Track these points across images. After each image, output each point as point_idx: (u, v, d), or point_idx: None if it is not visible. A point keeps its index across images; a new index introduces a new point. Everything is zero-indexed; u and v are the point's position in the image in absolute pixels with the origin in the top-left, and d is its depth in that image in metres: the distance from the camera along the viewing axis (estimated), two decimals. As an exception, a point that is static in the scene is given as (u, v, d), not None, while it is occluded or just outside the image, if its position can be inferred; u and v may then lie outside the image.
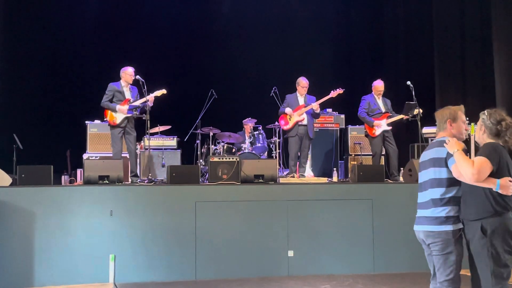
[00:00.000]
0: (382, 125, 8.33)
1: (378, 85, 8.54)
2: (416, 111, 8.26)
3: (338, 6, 12.11)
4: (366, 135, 8.61)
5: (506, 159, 3.63)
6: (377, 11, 12.17)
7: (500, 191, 3.55)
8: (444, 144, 3.76)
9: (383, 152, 8.61)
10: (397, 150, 8.40)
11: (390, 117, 8.38)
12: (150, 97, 7.87)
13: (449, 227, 3.72)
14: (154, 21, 11.43)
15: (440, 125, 3.94)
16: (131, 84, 8.01)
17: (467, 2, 10.58)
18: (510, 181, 3.56)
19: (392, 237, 6.91)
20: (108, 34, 11.07)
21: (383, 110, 8.46)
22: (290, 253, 6.69)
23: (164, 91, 8.03)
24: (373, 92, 8.57)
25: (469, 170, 3.56)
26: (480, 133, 3.78)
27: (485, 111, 3.78)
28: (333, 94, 8.65)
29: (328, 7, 12.02)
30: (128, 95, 7.93)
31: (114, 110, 7.77)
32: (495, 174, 3.58)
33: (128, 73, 7.93)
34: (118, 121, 7.77)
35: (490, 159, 3.59)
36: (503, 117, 3.71)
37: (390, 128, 8.37)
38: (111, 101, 7.83)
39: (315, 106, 8.45)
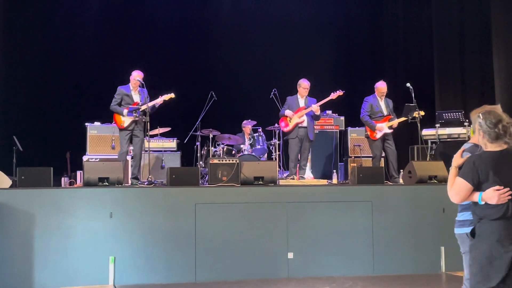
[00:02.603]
0: (383, 129, 8.29)
1: (381, 86, 8.46)
2: (415, 114, 8.24)
3: (338, 8, 12.11)
4: (367, 137, 8.59)
5: (488, 169, 3.41)
6: (377, 13, 12.19)
7: (487, 202, 3.42)
8: None
9: (383, 154, 8.60)
10: (396, 151, 8.38)
11: (391, 119, 8.35)
12: (159, 101, 7.90)
13: (465, 229, 3.73)
14: (154, 24, 11.43)
15: (473, 126, 3.66)
16: (140, 87, 8.02)
17: (467, 3, 10.60)
18: (497, 190, 3.36)
19: (391, 239, 6.90)
20: (108, 37, 11.07)
21: (385, 113, 8.41)
22: (290, 255, 6.68)
23: (172, 95, 8.05)
24: (376, 94, 8.52)
25: (449, 192, 3.52)
26: (479, 138, 3.52)
27: (479, 114, 3.50)
28: (333, 96, 8.65)
29: (327, 9, 12.02)
30: (136, 98, 7.94)
31: (122, 114, 7.81)
32: (479, 188, 3.44)
33: (132, 77, 7.94)
34: (125, 124, 7.81)
35: (465, 178, 3.44)
36: (499, 119, 3.43)
37: (391, 131, 8.34)
38: (119, 104, 7.86)
39: (315, 108, 8.44)
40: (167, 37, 11.35)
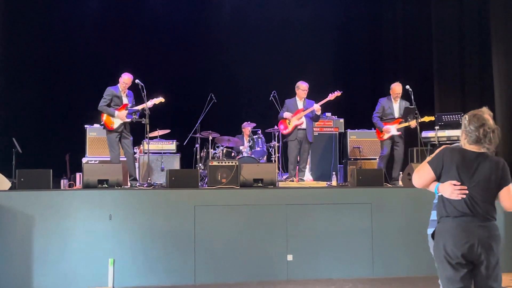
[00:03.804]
0: (391, 131, 8.34)
1: (395, 87, 8.51)
2: (413, 122, 8.25)
3: (337, 10, 12.11)
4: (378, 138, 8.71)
5: (453, 163, 3.48)
6: (376, 16, 12.20)
7: (442, 194, 3.52)
8: None
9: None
10: (402, 156, 8.44)
11: (401, 123, 8.38)
12: (149, 104, 7.90)
13: (430, 230, 3.77)
14: (153, 26, 11.45)
15: None
16: (128, 89, 8.02)
17: (466, 6, 10.60)
18: (454, 184, 3.44)
19: (391, 241, 6.90)
20: (108, 39, 11.08)
21: (397, 115, 8.47)
22: (289, 257, 6.68)
23: (162, 99, 8.07)
24: (390, 95, 8.58)
25: (414, 174, 3.63)
26: (461, 138, 3.58)
27: (466, 116, 3.56)
28: (331, 96, 8.67)
29: (327, 11, 12.03)
30: (125, 100, 7.95)
31: (112, 115, 7.78)
32: (441, 178, 3.54)
33: (123, 80, 7.92)
34: (115, 125, 7.79)
35: (430, 163, 3.56)
36: (482, 122, 3.46)
37: (399, 133, 8.38)
38: (108, 105, 7.84)
39: (317, 107, 8.45)
40: (167, 40, 11.37)
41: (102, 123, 7.91)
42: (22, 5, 10.62)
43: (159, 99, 8.06)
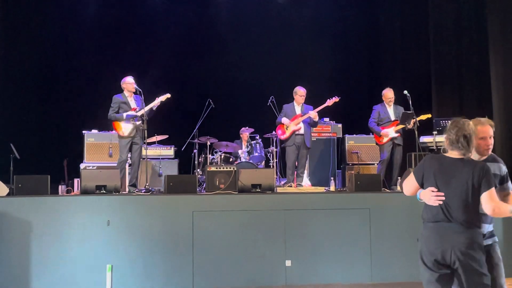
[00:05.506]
0: (389, 133, 8.39)
1: (387, 93, 8.62)
2: (412, 123, 8.28)
3: (335, 15, 12.14)
4: (377, 144, 8.70)
5: (431, 171, 3.58)
6: (374, 21, 12.22)
7: (424, 201, 3.63)
8: None
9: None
10: (400, 162, 8.45)
11: (398, 124, 8.44)
12: (156, 103, 7.90)
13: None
14: (151, 31, 11.45)
15: None
16: (134, 94, 8.02)
17: (464, 11, 10.64)
18: (432, 191, 3.54)
19: (389, 246, 6.89)
20: (105, 44, 11.09)
21: (392, 118, 8.54)
22: (288, 263, 6.67)
23: (168, 95, 8.06)
24: (383, 101, 8.64)
25: (402, 183, 3.80)
26: (445, 144, 3.66)
27: (451, 121, 3.66)
28: (329, 102, 8.69)
29: (325, 17, 12.06)
30: (133, 104, 7.95)
31: (122, 119, 7.79)
32: (423, 185, 3.64)
33: (128, 82, 7.94)
34: (126, 132, 7.78)
35: (414, 174, 3.68)
36: (459, 127, 3.54)
37: (398, 135, 8.40)
38: (117, 113, 7.85)
39: (313, 114, 8.46)
40: (165, 45, 11.37)
41: (114, 130, 7.96)
42: (20, 11, 10.63)
43: (166, 96, 8.04)
